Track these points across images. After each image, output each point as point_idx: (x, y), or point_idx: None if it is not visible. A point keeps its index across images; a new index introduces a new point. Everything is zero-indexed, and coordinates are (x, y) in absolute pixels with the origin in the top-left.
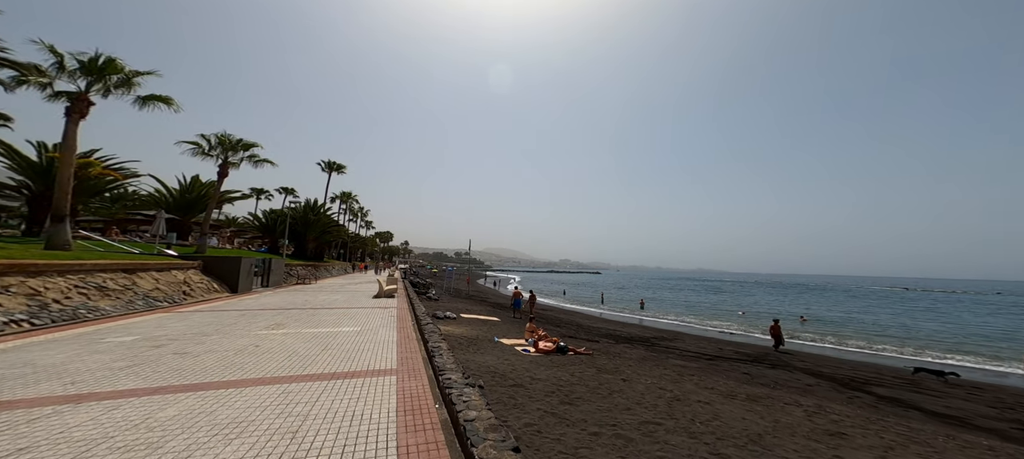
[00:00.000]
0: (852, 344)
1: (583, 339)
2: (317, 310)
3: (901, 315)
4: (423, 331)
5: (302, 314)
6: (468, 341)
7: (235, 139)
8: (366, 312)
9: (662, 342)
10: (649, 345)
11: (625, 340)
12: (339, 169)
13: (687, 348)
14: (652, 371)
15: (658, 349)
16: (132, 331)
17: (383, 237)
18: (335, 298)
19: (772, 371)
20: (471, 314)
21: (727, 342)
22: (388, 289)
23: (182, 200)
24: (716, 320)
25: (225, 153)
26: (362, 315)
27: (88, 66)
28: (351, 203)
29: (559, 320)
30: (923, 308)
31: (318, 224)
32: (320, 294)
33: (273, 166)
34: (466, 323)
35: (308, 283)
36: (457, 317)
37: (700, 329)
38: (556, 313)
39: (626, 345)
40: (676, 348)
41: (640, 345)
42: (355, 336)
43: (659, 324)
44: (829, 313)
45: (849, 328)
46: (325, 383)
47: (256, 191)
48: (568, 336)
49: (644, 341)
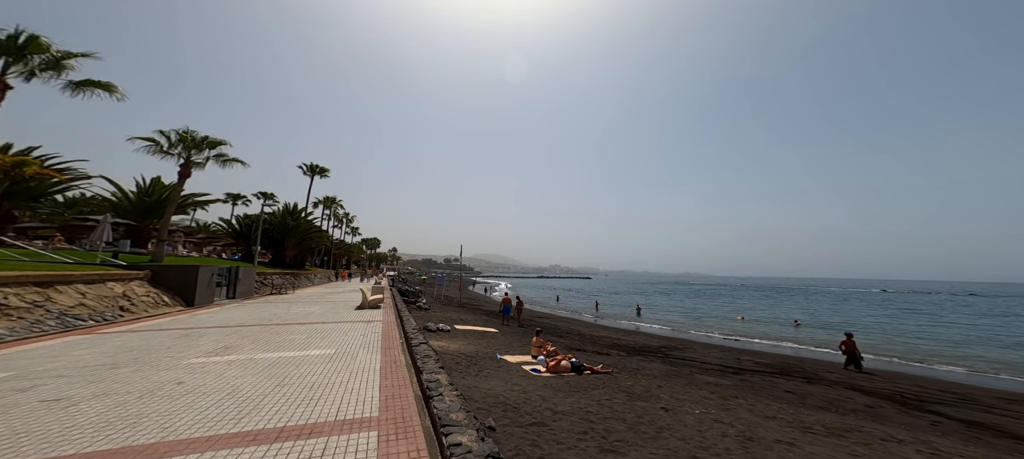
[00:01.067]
0: (877, 353)
1: (591, 351)
2: (285, 326)
3: (902, 317)
4: (414, 354)
5: (264, 332)
6: (467, 360)
7: (200, 136)
8: (345, 327)
9: (673, 352)
10: (663, 357)
11: (635, 351)
12: (322, 173)
13: (704, 359)
14: (686, 392)
15: (675, 361)
16: (12, 363)
17: (370, 244)
18: (311, 310)
19: (812, 387)
20: (466, 325)
21: (740, 350)
22: (373, 299)
23: (140, 204)
24: (716, 326)
25: (187, 151)
26: (339, 332)
27: (5, 44)
28: (335, 208)
29: (558, 329)
30: (916, 310)
31: (298, 230)
32: (294, 306)
33: (244, 166)
34: (462, 336)
35: (284, 293)
36: (451, 329)
37: (705, 336)
38: (553, 321)
39: (640, 358)
40: (692, 359)
41: (654, 357)
42: (326, 363)
43: (663, 332)
44: (825, 317)
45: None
46: (264, 449)
47: (232, 196)
48: (574, 348)
49: (655, 352)
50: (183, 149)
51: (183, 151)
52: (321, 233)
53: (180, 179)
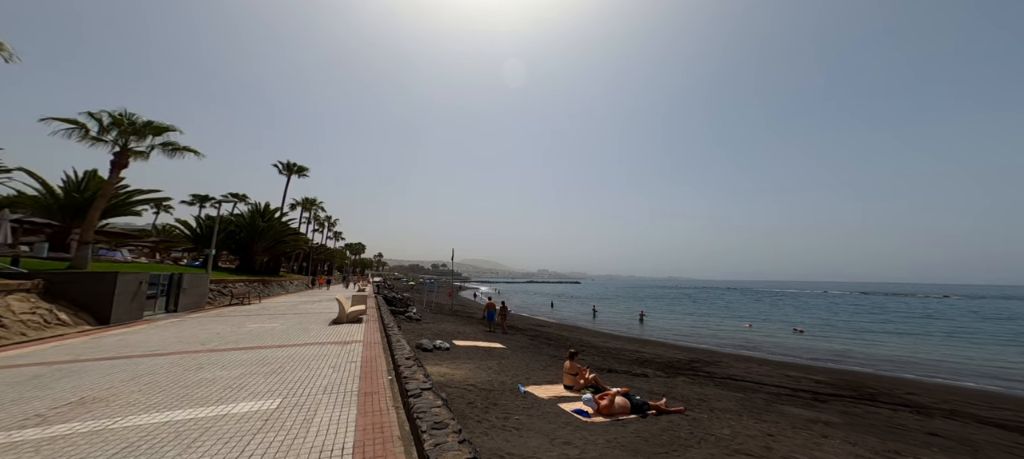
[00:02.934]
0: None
1: (622, 372)
2: (219, 355)
3: (907, 321)
4: (413, 413)
5: (177, 367)
6: (483, 397)
7: (140, 120)
8: (309, 355)
9: (708, 367)
10: (704, 375)
11: (669, 368)
12: (300, 172)
13: (747, 376)
14: (798, 437)
15: (724, 382)
16: None
17: (354, 249)
18: (270, 327)
19: (932, 420)
20: (466, 339)
21: (776, 364)
22: (353, 311)
23: (68, 201)
24: (728, 334)
25: (124, 137)
26: (298, 363)
27: None
28: (315, 211)
29: (564, 339)
30: (917, 314)
31: (270, 232)
32: (252, 321)
33: (198, 156)
34: (465, 356)
35: (247, 304)
36: (450, 346)
37: (731, 348)
38: (552, 329)
39: (685, 379)
40: (738, 377)
41: (696, 376)
42: (256, 433)
43: (678, 341)
44: (826, 322)
45: (880, 342)
46: None
47: (199, 198)
48: (602, 368)
49: (689, 368)
50: (119, 135)
51: (119, 137)
52: (297, 236)
53: (113, 170)
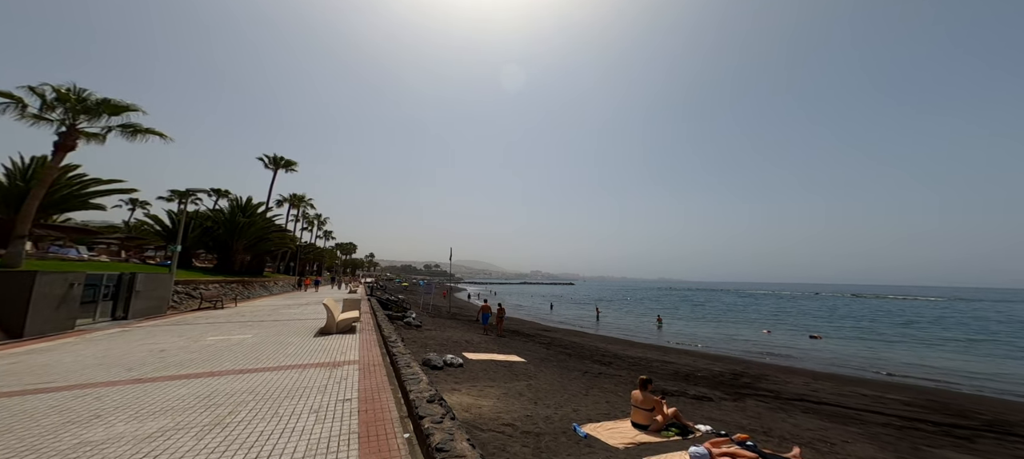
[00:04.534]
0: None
1: (675, 394)
2: (142, 388)
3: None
4: None
5: (56, 413)
6: (533, 447)
7: (94, 97)
8: (284, 384)
9: (759, 383)
10: (772, 396)
11: (715, 384)
12: (288, 166)
13: (818, 395)
14: None
15: (799, 405)
16: None
17: (345, 249)
18: (238, 340)
19: None
20: (478, 352)
21: (834, 378)
22: (344, 319)
23: (13, 190)
24: (749, 342)
25: (72, 116)
26: (264, 402)
27: None
28: (304, 208)
29: (581, 348)
30: (929, 316)
31: (252, 228)
32: (216, 331)
33: (164, 139)
34: (485, 377)
35: (219, 308)
36: (463, 362)
37: (765, 357)
38: (563, 336)
39: (757, 401)
40: (805, 396)
41: (761, 396)
42: None
43: (707, 349)
44: (839, 327)
45: (921, 349)
46: None
47: (179, 194)
48: (634, 383)
49: (745, 386)
50: (65, 111)
51: (66, 116)
52: (283, 233)
53: (57, 152)
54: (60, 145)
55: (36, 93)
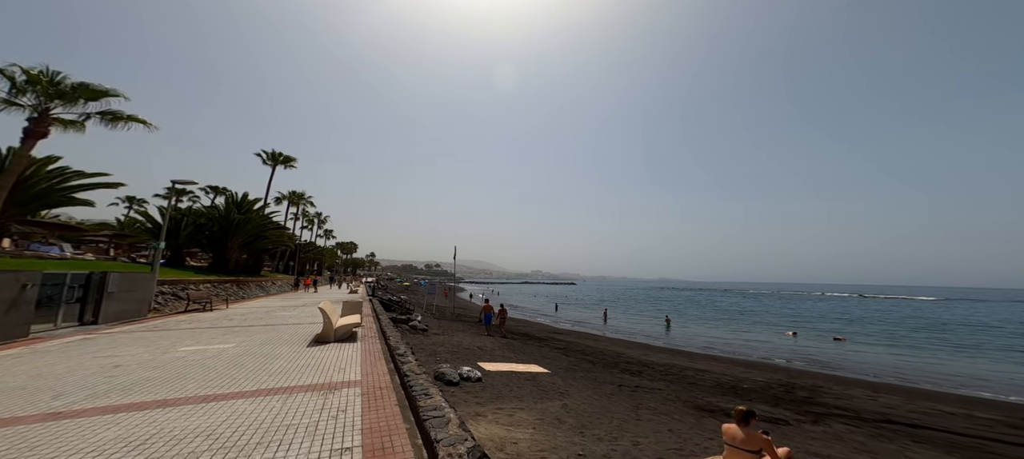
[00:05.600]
0: None
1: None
2: (56, 426)
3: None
4: None
5: None
6: None
7: (69, 81)
8: (259, 420)
9: (819, 397)
10: (852, 415)
11: (771, 398)
12: (287, 162)
13: (901, 414)
14: None
15: (893, 428)
16: None
17: (346, 248)
18: (215, 351)
19: None
20: (495, 362)
21: (898, 390)
22: (344, 324)
23: None
24: (773, 344)
25: (44, 100)
26: (223, 455)
27: None
28: (304, 205)
29: (601, 353)
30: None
31: (248, 225)
32: (192, 340)
33: (148, 127)
34: (510, 395)
35: (207, 310)
36: (482, 376)
37: (801, 363)
38: (575, 339)
39: (841, 422)
40: (892, 418)
41: (842, 416)
42: None
43: (739, 357)
44: (862, 330)
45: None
46: None
47: (176, 190)
48: (677, 399)
49: (812, 402)
50: (36, 95)
51: (38, 100)
52: (280, 230)
53: (27, 140)
54: (30, 132)
55: (4, 75)
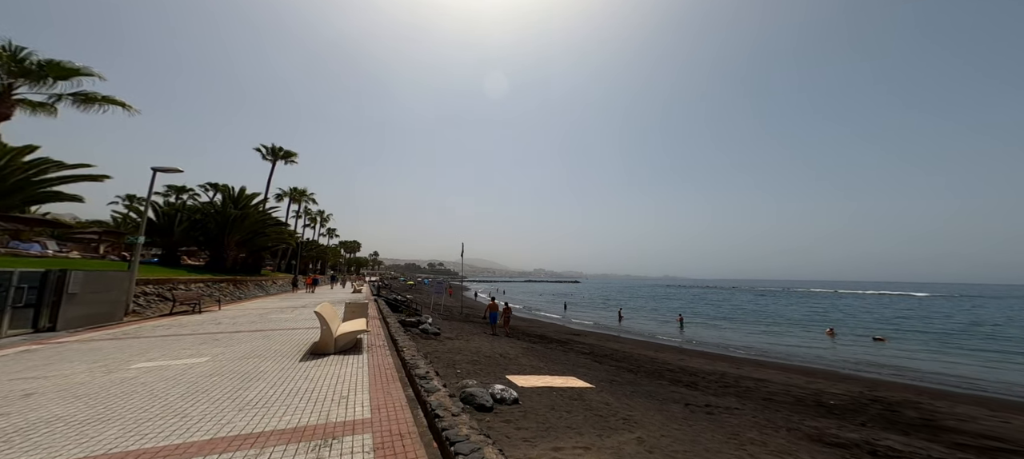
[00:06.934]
0: None
1: (834, 447)
2: None
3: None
4: None
5: None
6: None
7: (35, 58)
8: None
9: (904, 411)
10: (967, 448)
11: (860, 415)
12: (287, 157)
13: (1005, 431)
14: None
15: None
16: None
17: (349, 247)
18: (182, 367)
19: None
20: (526, 375)
21: (973, 400)
22: (346, 332)
23: None
24: (815, 345)
25: (5, 78)
26: None
27: None
28: (305, 202)
29: (636, 360)
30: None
31: (246, 222)
32: (157, 353)
33: (128, 110)
34: (562, 425)
35: (196, 313)
36: (517, 398)
37: (856, 369)
38: (602, 342)
39: (975, 455)
40: (1015, 443)
41: (969, 449)
42: None
43: (780, 361)
44: (899, 330)
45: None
46: None
47: (174, 188)
48: (758, 424)
49: (895, 419)
50: None
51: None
52: (280, 227)
53: None
54: None
55: None
